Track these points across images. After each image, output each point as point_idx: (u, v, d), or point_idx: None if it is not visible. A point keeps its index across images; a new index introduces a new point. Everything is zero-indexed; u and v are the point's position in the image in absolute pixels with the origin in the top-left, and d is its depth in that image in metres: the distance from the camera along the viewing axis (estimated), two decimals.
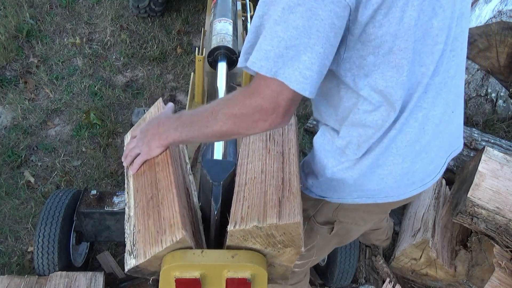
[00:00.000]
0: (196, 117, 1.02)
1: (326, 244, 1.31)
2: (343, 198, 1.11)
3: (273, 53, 0.83)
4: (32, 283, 1.71)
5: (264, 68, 0.84)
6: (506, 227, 1.90)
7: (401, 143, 1.01)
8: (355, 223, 1.20)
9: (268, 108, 0.88)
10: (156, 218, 1.01)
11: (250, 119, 0.91)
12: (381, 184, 1.06)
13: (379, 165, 1.04)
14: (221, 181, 1.06)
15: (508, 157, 2.06)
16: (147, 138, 1.12)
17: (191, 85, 1.92)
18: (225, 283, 0.98)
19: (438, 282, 2.21)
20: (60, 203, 1.85)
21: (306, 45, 0.81)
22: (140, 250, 0.97)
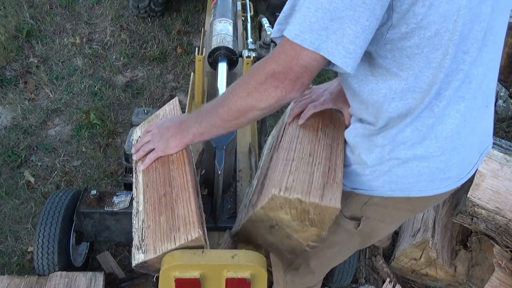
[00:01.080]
0: (216, 101, 1.03)
1: (349, 243, 1.28)
2: (375, 190, 1.07)
3: (317, 25, 0.80)
4: (32, 283, 1.71)
5: (307, 41, 0.82)
6: (506, 227, 1.90)
7: (441, 134, 0.97)
8: (382, 220, 1.17)
9: (282, 72, 0.86)
10: (169, 215, 1.02)
11: (262, 86, 0.89)
12: (417, 176, 1.02)
13: (416, 156, 0.99)
14: (224, 146, 1.17)
15: (508, 157, 2.06)
16: (166, 135, 1.12)
17: (191, 85, 1.92)
18: (225, 283, 0.98)
19: (438, 282, 2.21)
20: (60, 203, 1.85)
21: (352, 17, 0.79)
22: (150, 246, 0.97)
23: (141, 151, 1.18)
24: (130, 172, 1.95)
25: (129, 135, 1.91)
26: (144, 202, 1.09)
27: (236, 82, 0.98)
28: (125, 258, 2.23)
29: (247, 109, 0.95)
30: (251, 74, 0.93)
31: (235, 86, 0.97)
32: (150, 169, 1.15)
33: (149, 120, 1.34)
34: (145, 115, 2.09)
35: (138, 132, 1.33)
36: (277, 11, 4.30)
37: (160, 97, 3.17)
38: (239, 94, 0.95)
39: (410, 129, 0.97)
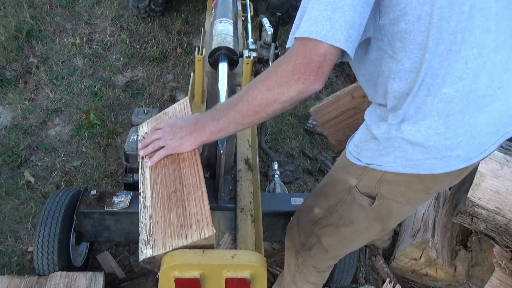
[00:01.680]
0: (233, 99, 1.05)
1: (365, 223, 1.30)
2: (387, 165, 1.11)
3: (321, 17, 0.88)
4: (32, 283, 1.71)
5: (314, 32, 0.88)
6: (506, 227, 1.90)
7: (442, 112, 1.02)
8: (396, 200, 1.20)
9: (303, 64, 0.91)
10: (179, 212, 1.03)
11: (283, 80, 0.93)
12: (424, 154, 1.06)
13: (421, 133, 1.04)
14: None
15: (508, 157, 2.06)
16: (180, 134, 1.13)
17: (191, 85, 1.92)
18: (225, 283, 0.98)
19: (438, 282, 2.21)
20: (60, 203, 1.85)
21: (350, 5, 0.87)
22: (159, 241, 0.97)
23: (149, 147, 1.18)
24: (130, 172, 1.95)
25: (129, 135, 1.91)
26: (152, 198, 1.09)
27: (256, 78, 1.01)
28: (125, 258, 2.23)
29: (268, 102, 0.98)
30: (271, 69, 0.97)
31: (255, 81, 1.00)
32: (158, 165, 1.16)
33: (157, 117, 1.34)
34: (145, 115, 2.09)
35: (144, 128, 1.33)
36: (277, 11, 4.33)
37: (160, 97, 3.17)
38: (260, 88, 0.98)
39: (412, 107, 1.03)
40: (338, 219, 1.33)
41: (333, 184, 1.30)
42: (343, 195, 1.27)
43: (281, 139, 3.01)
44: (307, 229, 1.45)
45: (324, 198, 1.35)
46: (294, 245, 1.55)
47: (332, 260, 1.57)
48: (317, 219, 1.39)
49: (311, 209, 1.42)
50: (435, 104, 1.02)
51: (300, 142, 3.01)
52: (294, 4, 3.81)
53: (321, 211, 1.37)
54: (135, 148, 1.86)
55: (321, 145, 2.99)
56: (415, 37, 0.96)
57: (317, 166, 2.84)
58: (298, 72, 0.91)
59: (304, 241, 1.48)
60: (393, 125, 1.06)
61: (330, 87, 3.52)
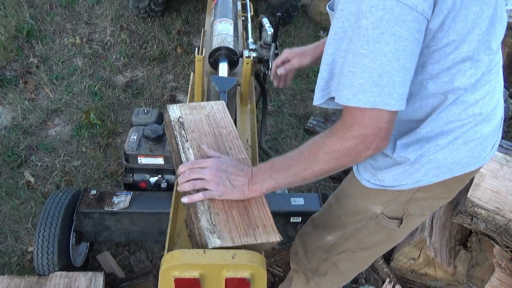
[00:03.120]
0: (291, 161, 1.03)
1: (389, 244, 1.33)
2: (420, 181, 1.10)
3: (367, 85, 0.86)
4: (32, 283, 1.71)
5: (362, 101, 0.87)
6: (506, 227, 1.90)
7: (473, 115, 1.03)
8: (422, 213, 1.21)
9: (371, 134, 0.91)
10: (242, 212, 1.05)
11: (354, 150, 0.94)
12: (455, 155, 1.07)
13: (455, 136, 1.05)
14: (226, 90, 1.37)
15: (508, 157, 2.06)
16: (234, 182, 1.07)
17: (191, 85, 1.92)
18: (225, 283, 0.98)
19: (437, 281, 2.21)
20: (60, 203, 1.85)
21: (398, 67, 0.85)
22: (225, 234, 0.99)
23: (190, 184, 1.07)
24: (130, 172, 1.95)
25: (129, 135, 1.91)
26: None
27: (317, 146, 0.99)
28: (125, 258, 2.23)
29: (335, 169, 0.99)
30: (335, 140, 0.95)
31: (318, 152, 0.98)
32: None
33: (192, 106, 1.30)
34: (145, 115, 2.09)
35: (176, 111, 1.27)
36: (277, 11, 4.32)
37: (160, 97, 3.18)
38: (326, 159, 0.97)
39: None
40: (355, 244, 1.32)
41: (350, 214, 1.27)
42: (365, 223, 1.25)
43: (281, 139, 3.01)
44: (319, 256, 1.42)
45: (338, 227, 1.32)
46: (303, 270, 1.51)
47: (348, 280, 1.54)
48: (329, 245, 1.37)
49: (321, 237, 1.39)
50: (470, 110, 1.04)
51: (300, 142, 3.01)
52: (294, 4, 3.81)
53: (334, 238, 1.34)
54: (135, 148, 1.87)
55: None
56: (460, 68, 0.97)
57: None
58: (369, 142, 0.92)
59: (315, 267, 1.45)
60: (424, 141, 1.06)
61: None
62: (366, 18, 0.82)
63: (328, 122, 3.11)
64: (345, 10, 0.86)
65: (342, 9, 0.87)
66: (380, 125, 0.90)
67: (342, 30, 0.88)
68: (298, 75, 3.58)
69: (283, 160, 1.06)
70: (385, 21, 0.81)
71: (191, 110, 1.29)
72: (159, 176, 1.94)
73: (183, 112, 1.27)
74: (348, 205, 1.28)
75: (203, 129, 1.23)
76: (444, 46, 0.91)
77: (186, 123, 1.24)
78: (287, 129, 3.09)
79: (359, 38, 0.84)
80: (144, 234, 1.91)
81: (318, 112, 3.26)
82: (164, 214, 1.80)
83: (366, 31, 0.83)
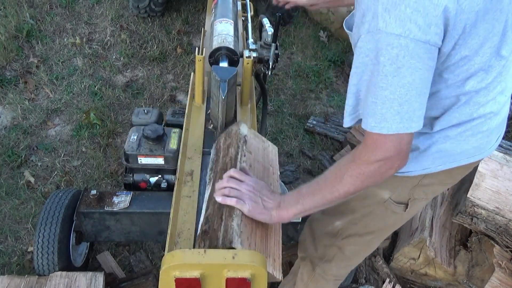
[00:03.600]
0: (317, 186, 1.10)
1: (393, 228, 1.41)
2: (427, 168, 1.17)
3: (389, 114, 0.93)
4: (32, 283, 1.71)
5: (385, 129, 0.94)
6: (506, 227, 1.90)
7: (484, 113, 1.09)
8: (426, 197, 1.28)
9: (394, 156, 0.98)
10: (263, 236, 1.12)
11: (378, 172, 1.01)
12: (462, 146, 1.13)
13: (464, 129, 1.11)
14: (226, 79, 1.41)
15: (508, 157, 2.06)
16: (265, 203, 1.12)
17: (191, 85, 1.92)
18: (225, 283, 0.98)
19: (437, 281, 2.21)
20: (60, 203, 1.85)
21: (416, 95, 0.92)
22: (246, 244, 1.03)
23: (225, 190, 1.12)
24: (130, 172, 1.95)
25: (129, 135, 1.91)
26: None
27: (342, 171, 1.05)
28: (125, 258, 2.23)
29: (360, 190, 1.05)
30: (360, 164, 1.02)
31: (343, 176, 1.04)
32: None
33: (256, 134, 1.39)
34: (145, 115, 2.09)
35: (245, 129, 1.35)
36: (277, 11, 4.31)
37: (160, 97, 3.17)
38: (352, 182, 1.03)
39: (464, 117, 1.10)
40: (362, 228, 1.37)
41: (359, 200, 1.31)
42: (373, 208, 1.30)
43: (281, 139, 3.01)
44: (326, 241, 1.47)
45: (347, 212, 1.37)
46: (310, 257, 1.57)
47: (353, 267, 1.60)
48: (337, 230, 1.42)
49: (329, 222, 1.43)
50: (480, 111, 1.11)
51: (300, 142, 3.01)
52: None
53: (342, 223, 1.39)
54: (135, 148, 1.86)
55: (321, 145, 2.99)
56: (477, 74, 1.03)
57: (317, 165, 2.84)
58: (391, 163, 0.99)
59: (322, 253, 1.50)
60: (443, 134, 1.12)
61: (330, 87, 3.53)
62: (383, 56, 0.89)
63: (328, 122, 3.11)
64: (363, 47, 0.93)
65: (360, 47, 0.94)
66: (401, 147, 0.97)
67: (362, 64, 0.95)
68: (298, 75, 3.58)
69: (309, 186, 1.12)
70: (401, 57, 0.88)
71: (255, 136, 1.38)
72: (159, 176, 1.94)
73: (249, 133, 1.36)
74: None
75: (257, 156, 1.32)
76: (457, 61, 0.98)
77: (248, 142, 1.32)
78: (287, 129, 3.09)
79: (378, 73, 0.91)
80: (144, 234, 1.91)
81: (318, 112, 3.26)
82: (164, 214, 1.79)
83: (384, 67, 0.89)
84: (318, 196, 1.08)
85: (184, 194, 1.43)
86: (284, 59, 3.73)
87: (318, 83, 3.52)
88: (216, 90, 1.49)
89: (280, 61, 3.66)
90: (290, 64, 3.71)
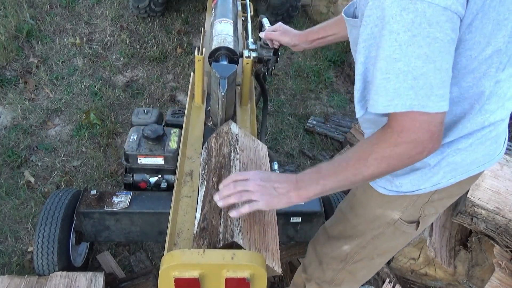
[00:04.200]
0: (339, 167, 1.02)
1: (403, 245, 1.35)
2: (438, 184, 1.10)
3: (403, 89, 0.84)
4: (32, 283, 1.71)
5: (399, 106, 0.85)
6: (506, 227, 1.90)
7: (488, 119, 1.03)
8: (436, 212, 1.22)
9: (423, 139, 0.89)
10: (261, 231, 1.12)
11: (406, 155, 0.92)
12: (472, 156, 1.07)
13: (475, 139, 1.05)
14: (226, 76, 1.43)
15: (508, 157, 2.06)
16: (280, 191, 1.05)
17: (191, 85, 1.92)
18: (224, 283, 0.98)
19: (437, 281, 2.21)
20: (60, 203, 1.85)
21: (434, 69, 0.82)
22: (246, 239, 1.04)
23: (236, 197, 1.06)
24: (130, 172, 1.95)
25: (129, 135, 1.91)
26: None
27: (366, 152, 0.96)
28: (125, 258, 2.23)
29: (387, 173, 0.98)
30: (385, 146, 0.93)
31: (367, 158, 0.96)
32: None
33: (246, 133, 1.39)
34: (145, 115, 2.09)
35: (235, 128, 1.35)
36: (277, 11, 4.29)
37: (160, 97, 3.17)
38: (377, 165, 0.95)
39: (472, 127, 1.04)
40: (372, 251, 1.32)
41: (368, 223, 1.27)
42: (382, 229, 1.26)
43: (281, 139, 3.01)
44: (334, 266, 1.42)
45: (355, 236, 1.33)
46: (317, 281, 1.52)
47: (359, 285, 1.55)
48: (346, 254, 1.37)
49: (337, 247, 1.38)
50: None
51: (300, 142, 3.01)
52: (294, 4, 3.81)
53: (351, 247, 1.35)
54: (135, 148, 1.87)
55: (321, 145, 2.99)
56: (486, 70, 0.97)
57: None
58: (422, 147, 0.90)
59: (331, 277, 1.46)
60: (445, 146, 1.05)
61: (330, 87, 3.52)
62: (397, 22, 0.80)
63: (328, 122, 3.11)
64: (372, 16, 0.84)
65: (369, 15, 0.85)
66: (431, 129, 0.88)
67: (371, 36, 0.87)
68: (298, 75, 3.58)
69: (330, 166, 1.04)
70: (417, 23, 0.79)
71: (245, 135, 1.38)
72: (159, 176, 1.94)
73: (240, 133, 1.36)
74: (364, 214, 1.27)
75: (249, 154, 1.32)
76: (469, 49, 0.90)
77: (240, 141, 1.32)
78: (287, 129, 3.09)
79: (391, 43, 0.82)
80: (144, 234, 1.91)
81: (318, 112, 3.26)
82: (164, 214, 1.79)
83: (398, 35, 0.80)
84: (341, 177, 1.01)
85: (184, 194, 1.44)
86: (284, 59, 3.74)
87: (318, 83, 3.52)
88: (216, 87, 1.50)
89: (280, 61, 3.66)
90: (290, 64, 3.71)
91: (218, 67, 1.50)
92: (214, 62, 1.47)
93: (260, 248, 1.06)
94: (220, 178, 1.17)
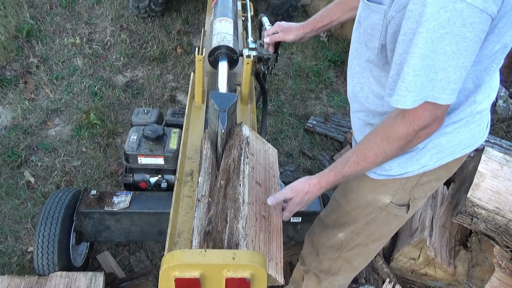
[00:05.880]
0: (349, 154, 1.12)
1: (395, 230, 1.41)
2: (425, 166, 1.16)
3: (425, 82, 0.89)
4: (32, 283, 1.71)
5: (418, 100, 0.92)
6: (506, 227, 1.89)
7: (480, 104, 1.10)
8: (425, 195, 1.28)
9: (430, 124, 0.98)
10: (266, 239, 1.14)
11: (416, 139, 1.01)
12: (457, 138, 1.13)
13: (461, 124, 1.11)
14: (226, 109, 1.28)
15: (508, 157, 2.06)
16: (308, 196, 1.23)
17: (191, 85, 1.92)
18: (225, 283, 0.98)
19: (437, 281, 2.21)
20: (60, 203, 1.85)
21: (456, 66, 0.86)
22: (250, 245, 1.06)
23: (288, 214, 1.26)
24: (130, 172, 1.95)
25: (129, 135, 1.91)
26: (248, 203, 1.16)
27: (378, 137, 1.06)
28: (125, 258, 2.23)
29: (397, 154, 1.07)
30: (399, 137, 1.02)
31: (380, 143, 1.05)
32: (252, 187, 1.22)
33: (257, 136, 1.41)
34: (145, 115, 2.09)
35: (247, 131, 1.36)
36: (277, 11, 4.29)
37: (160, 97, 3.17)
38: (390, 147, 1.04)
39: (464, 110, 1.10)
40: (366, 237, 1.36)
41: (360, 209, 1.32)
42: (375, 214, 1.30)
43: (281, 139, 3.01)
44: (330, 255, 1.47)
45: (348, 223, 1.36)
46: (315, 272, 1.56)
47: (356, 273, 1.59)
48: (341, 242, 1.41)
49: (331, 235, 1.43)
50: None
51: (300, 142, 3.01)
52: (294, 4, 3.81)
53: (345, 234, 1.39)
54: (135, 148, 1.87)
55: (321, 145, 2.99)
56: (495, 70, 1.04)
57: (317, 166, 2.84)
58: (429, 129, 0.99)
59: (328, 267, 1.50)
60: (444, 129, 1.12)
61: (330, 87, 3.52)
62: (435, 20, 0.82)
63: (328, 122, 3.11)
64: (414, 11, 0.85)
65: (411, 10, 0.86)
66: (437, 115, 0.96)
67: (410, 32, 0.88)
68: (298, 75, 3.58)
69: (342, 158, 1.15)
70: (452, 22, 0.81)
71: (256, 138, 1.39)
72: (159, 176, 1.94)
73: (251, 135, 1.37)
74: (357, 199, 1.32)
75: (259, 158, 1.34)
76: (485, 48, 0.93)
77: (250, 144, 1.33)
78: (287, 129, 3.09)
79: (426, 40, 0.84)
80: (144, 234, 1.91)
81: (318, 112, 3.26)
82: (164, 214, 1.80)
83: (433, 33, 0.83)
84: (352, 159, 1.11)
85: (184, 194, 1.44)
86: (284, 59, 3.73)
87: (318, 83, 3.52)
88: (215, 119, 1.34)
89: (280, 61, 3.66)
90: (290, 64, 3.71)
91: (217, 97, 1.33)
92: (212, 92, 1.36)
93: (263, 255, 1.06)
94: (228, 182, 1.20)
